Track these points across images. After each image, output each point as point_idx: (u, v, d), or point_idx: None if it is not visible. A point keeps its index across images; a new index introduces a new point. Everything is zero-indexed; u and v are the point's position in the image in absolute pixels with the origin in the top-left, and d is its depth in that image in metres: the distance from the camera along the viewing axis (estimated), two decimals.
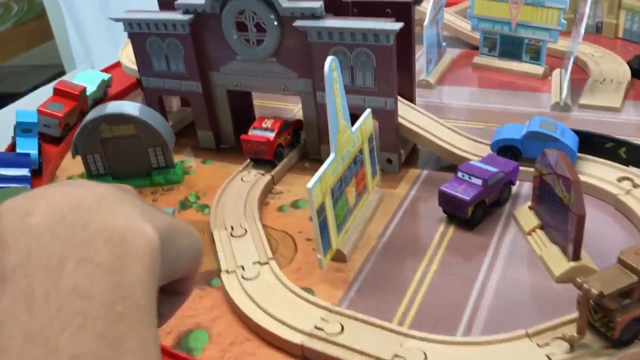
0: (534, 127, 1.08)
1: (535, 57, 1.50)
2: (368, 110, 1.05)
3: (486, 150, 1.15)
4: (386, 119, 1.13)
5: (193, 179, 1.23)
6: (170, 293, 0.41)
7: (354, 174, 1.01)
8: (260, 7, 1.12)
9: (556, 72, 1.48)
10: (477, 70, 1.59)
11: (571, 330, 0.74)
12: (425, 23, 1.44)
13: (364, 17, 1.11)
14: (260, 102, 1.43)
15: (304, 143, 1.27)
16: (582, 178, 1.06)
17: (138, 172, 1.21)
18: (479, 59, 1.59)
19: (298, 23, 1.09)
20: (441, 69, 1.57)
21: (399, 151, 1.17)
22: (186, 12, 1.19)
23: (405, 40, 1.16)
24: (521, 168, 1.09)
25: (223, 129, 1.31)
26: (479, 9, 1.54)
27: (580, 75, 1.47)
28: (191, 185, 1.21)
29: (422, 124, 1.18)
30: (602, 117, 1.30)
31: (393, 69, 1.08)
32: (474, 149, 1.15)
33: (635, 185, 1.03)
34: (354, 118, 1.04)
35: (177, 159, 1.28)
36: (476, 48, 1.63)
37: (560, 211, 0.89)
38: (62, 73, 3.64)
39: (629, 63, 1.46)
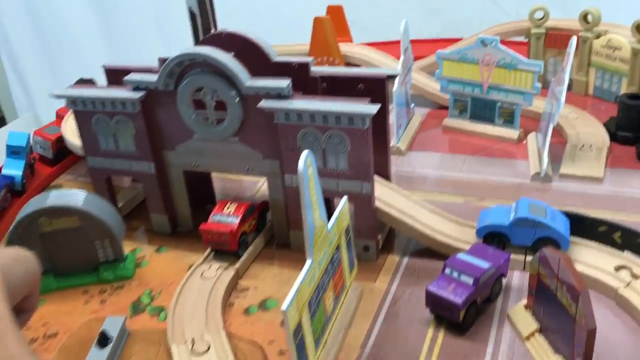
0: (523, 212, 1.00)
1: (509, 120, 1.43)
2: (344, 200, 0.95)
3: (470, 234, 1.06)
4: (362, 204, 1.03)
5: (146, 273, 1.10)
6: (18, 312, 0.53)
7: (331, 276, 0.90)
8: (221, 84, 1.01)
9: (531, 137, 1.41)
10: (448, 133, 1.51)
11: None
12: (395, 88, 1.35)
13: (334, 96, 1.01)
14: (223, 175, 1.31)
15: (270, 226, 1.15)
16: (578, 267, 0.97)
17: (84, 267, 1.07)
18: (449, 121, 1.51)
19: (263, 104, 0.98)
20: (411, 132, 1.48)
21: (377, 237, 1.07)
22: (136, 88, 1.07)
23: (380, 114, 1.07)
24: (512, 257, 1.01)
25: (179, 212, 1.19)
26: (448, 71, 1.46)
27: (556, 139, 1.41)
28: (144, 282, 1.07)
29: (401, 206, 1.08)
30: (585, 189, 1.23)
31: (369, 152, 0.98)
32: (459, 233, 1.06)
33: (634, 276, 0.95)
34: (326, 202, 0.93)
35: (127, 246, 1.14)
36: (444, 107, 1.55)
37: (564, 319, 0.80)
38: (2, 121, 3.42)
39: (605, 125, 1.41)
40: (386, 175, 1.15)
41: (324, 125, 0.97)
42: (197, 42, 1.52)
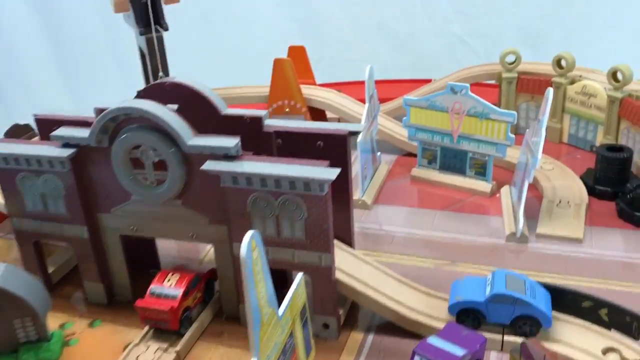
0: (499, 287, 0.89)
1: (481, 172, 1.34)
2: (300, 276, 0.83)
3: (442, 309, 0.94)
4: (321, 277, 0.91)
5: (74, 354, 0.95)
6: None
7: None
8: (160, 142, 0.89)
9: (505, 190, 1.32)
10: (416, 184, 1.41)
11: None
12: (359, 139, 1.25)
13: (291, 154, 0.90)
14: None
15: (218, 297, 1.02)
16: (561, 349, 0.87)
17: (1, 349, 0.93)
18: (417, 171, 1.42)
19: (207, 166, 0.87)
20: (377, 183, 1.38)
21: (338, 313, 0.95)
22: (67, 144, 0.95)
23: (341, 173, 0.96)
24: (486, 335, 0.90)
25: (116, 280, 1.05)
26: (415, 118, 1.37)
27: (531, 192, 1.31)
28: None
29: (364, 277, 0.97)
30: (564, 251, 1.14)
31: (328, 220, 0.87)
32: (429, 308, 0.95)
33: None
34: (280, 275, 0.82)
35: (56, 319, 1.01)
36: (413, 154, 1.46)
37: None
38: None
39: (582, 178, 1.33)
40: (348, 238, 1.03)
41: (277, 191, 0.86)
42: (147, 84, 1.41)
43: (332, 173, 0.83)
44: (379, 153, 1.44)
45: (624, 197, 1.22)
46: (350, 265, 0.98)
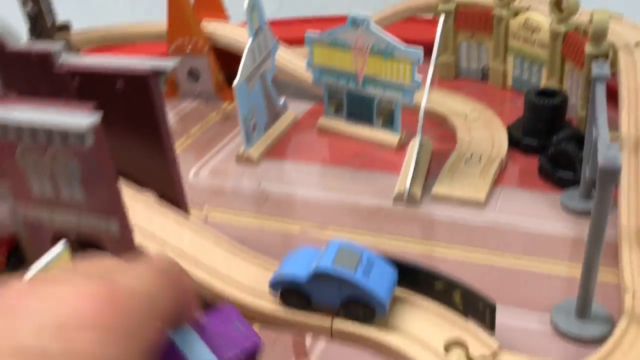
0: (324, 262, 0.72)
1: (389, 121, 1.14)
2: (60, 247, 0.67)
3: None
4: (116, 247, 0.75)
5: None
6: None
7: None
8: None
9: (413, 144, 1.12)
10: (323, 136, 1.22)
11: None
12: (236, 81, 1.07)
13: (90, 100, 0.73)
14: None
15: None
16: (395, 341, 0.70)
17: None
18: (324, 121, 1.23)
19: None
20: (273, 135, 1.20)
21: None
22: None
23: (148, 119, 0.79)
24: (312, 320, 0.73)
25: None
26: (319, 58, 1.17)
27: (449, 145, 1.12)
28: None
29: (183, 246, 0.81)
30: (460, 216, 0.95)
31: (106, 178, 0.70)
32: (258, 284, 0.78)
33: (469, 358, 0.67)
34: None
35: None
36: None
37: None
38: None
39: (509, 129, 1.12)
40: (174, 197, 0.87)
41: (41, 144, 0.70)
42: None
43: (85, 121, 0.65)
44: (282, 99, 1.25)
45: (547, 151, 1.01)
46: (168, 232, 0.82)
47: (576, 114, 1.12)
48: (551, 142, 1.01)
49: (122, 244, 0.75)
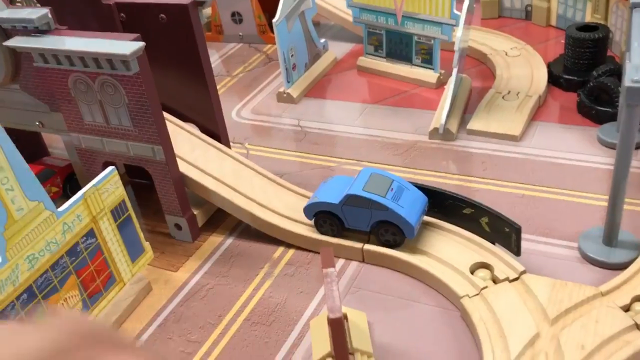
0: (356, 188, 0.75)
1: (427, 59, 1.14)
2: (109, 170, 0.72)
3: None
4: (160, 172, 0.80)
5: None
6: None
7: (71, 272, 0.69)
8: None
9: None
10: (363, 75, 1.24)
11: None
12: (276, 19, 1.09)
13: (134, 32, 0.77)
14: None
15: None
16: (423, 263, 0.73)
17: None
18: (364, 61, 1.24)
19: (11, 42, 0.76)
20: (314, 75, 1.22)
21: (190, 213, 0.85)
22: None
23: (190, 52, 0.83)
24: (345, 243, 0.77)
25: None
26: None
27: (488, 83, 1.12)
28: None
29: (223, 175, 0.85)
30: (494, 150, 0.96)
31: (151, 106, 0.74)
32: (292, 211, 0.82)
33: (495, 279, 0.70)
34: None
35: None
36: None
37: None
38: None
39: (549, 66, 1.10)
40: (215, 130, 0.91)
41: (91, 71, 0.74)
42: None
43: (131, 47, 0.69)
44: (322, 40, 1.27)
45: (586, 86, 1.00)
46: (209, 162, 0.86)
47: (620, 51, 1.09)
48: (591, 77, 1.00)
49: (167, 170, 0.80)
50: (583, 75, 1.04)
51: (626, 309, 0.64)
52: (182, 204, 0.83)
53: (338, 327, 0.53)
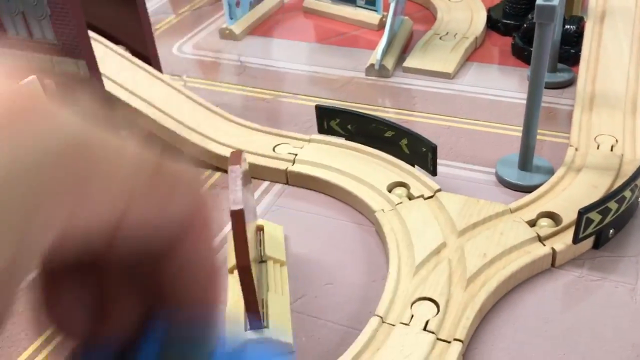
0: None
1: (371, 1, 1.15)
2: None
3: (222, 132, 0.82)
4: (86, 90, 0.80)
5: None
6: None
7: None
8: None
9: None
10: (309, 17, 1.23)
11: None
12: None
13: None
14: None
15: None
16: (344, 183, 0.74)
17: None
18: (309, 3, 1.24)
19: None
20: (258, 13, 1.21)
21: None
22: None
23: None
24: (268, 164, 0.77)
25: None
26: None
27: (429, 26, 1.13)
28: None
29: (152, 98, 0.85)
30: (428, 86, 0.97)
31: (75, 18, 0.73)
32: (220, 135, 0.83)
33: (408, 197, 0.72)
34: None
35: None
36: None
37: None
38: None
39: (489, 10, 1.12)
40: (147, 56, 0.90)
41: None
42: None
43: None
44: None
45: (521, 29, 1.02)
46: (138, 84, 0.86)
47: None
48: (527, 19, 1.01)
49: (92, 86, 0.79)
50: (521, 20, 1.06)
51: (532, 224, 0.67)
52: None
53: (239, 219, 0.53)
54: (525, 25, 1.00)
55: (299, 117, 0.92)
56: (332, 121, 0.80)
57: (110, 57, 0.88)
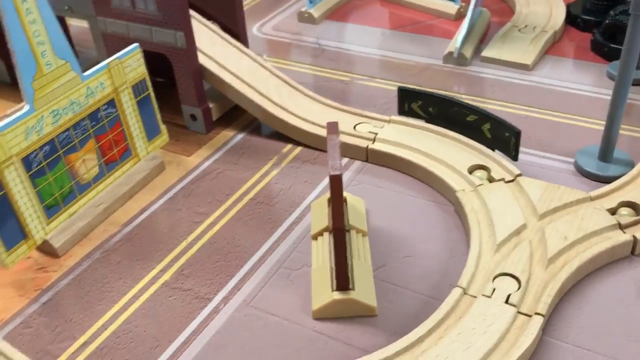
0: None
1: None
2: (133, 47, 0.76)
3: (316, 113, 0.85)
4: (180, 60, 0.84)
5: None
6: None
7: (91, 135, 0.73)
8: None
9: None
10: (385, 5, 1.26)
11: None
12: None
13: None
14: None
15: None
16: (425, 163, 0.76)
17: None
18: None
19: None
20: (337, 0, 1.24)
21: (206, 105, 0.88)
22: None
23: None
24: (348, 141, 0.80)
25: None
26: None
27: (507, 19, 1.13)
28: None
29: (240, 71, 0.88)
30: (505, 76, 0.98)
31: None
32: (300, 109, 0.86)
33: (489, 179, 0.73)
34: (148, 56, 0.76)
35: None
36: None
37: None
38: None
39: (568, 6, 1.12)
40: (236, 31, 0.94)
41: None
42: None
43: None
44: None
45: (602, 25, 1.02)
46: (228, 57, 0.90)
47: None
48: (608, 16, 1.01)
49: (187, 57, 0.83)
50: (600, 17, 1.06)
51: (612, 212, 0.68)
52: (198, 95, 0.86)
53: (337, 184, 0.56)
54: (607, 22, 1.00)
55: (376, 99, 0.95)
56: (413, 103, 0.83)
57: (203, 31, 0.92)
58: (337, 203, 0.57)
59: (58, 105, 0.68)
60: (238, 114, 0.92)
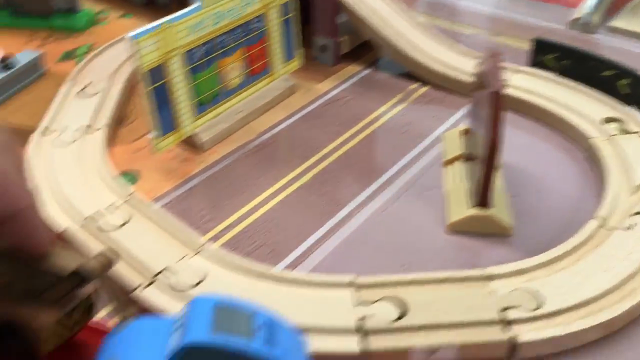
0: (198, 330, 0.24)
1: None
2: None
3: (455, 60, 0.87)
4: None
5: (99, 32, 1.02)
6: None
7: (242, 44, 0.77)
8: None
9: None
10: None
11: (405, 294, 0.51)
12: None
13: None
14: None
15: None
16: (556, 109, 0.77)
17: (39, 11, 1.02)
18: None
19: None
20: None
21: (337, 37, 0.91)
22: None
23: None
24: None
25: None
26: None
27: None
28: (93, 38, 1.00)
29: (382, 13, 0.91)
30: (632, 47, 0.97)
31: None
32: (434, 52, 0.88)
33: (623, 131, 0.74)
34: None
35: (95, 6, 1.08)
36: None
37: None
38: None
39: None
40: None
41: None
42: None
43: None
44: None
45: None
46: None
47: None
48: None
49: None
50: None
51: None
52: (332, 26, 0.89)
53: (497, 101, 0.58)
54: None
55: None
56: (548, 55, 0.83)
57: None
58: (496, 119, 0.58)
59: (222, 8, 0.72)
60: (363, 52, 0.95)
